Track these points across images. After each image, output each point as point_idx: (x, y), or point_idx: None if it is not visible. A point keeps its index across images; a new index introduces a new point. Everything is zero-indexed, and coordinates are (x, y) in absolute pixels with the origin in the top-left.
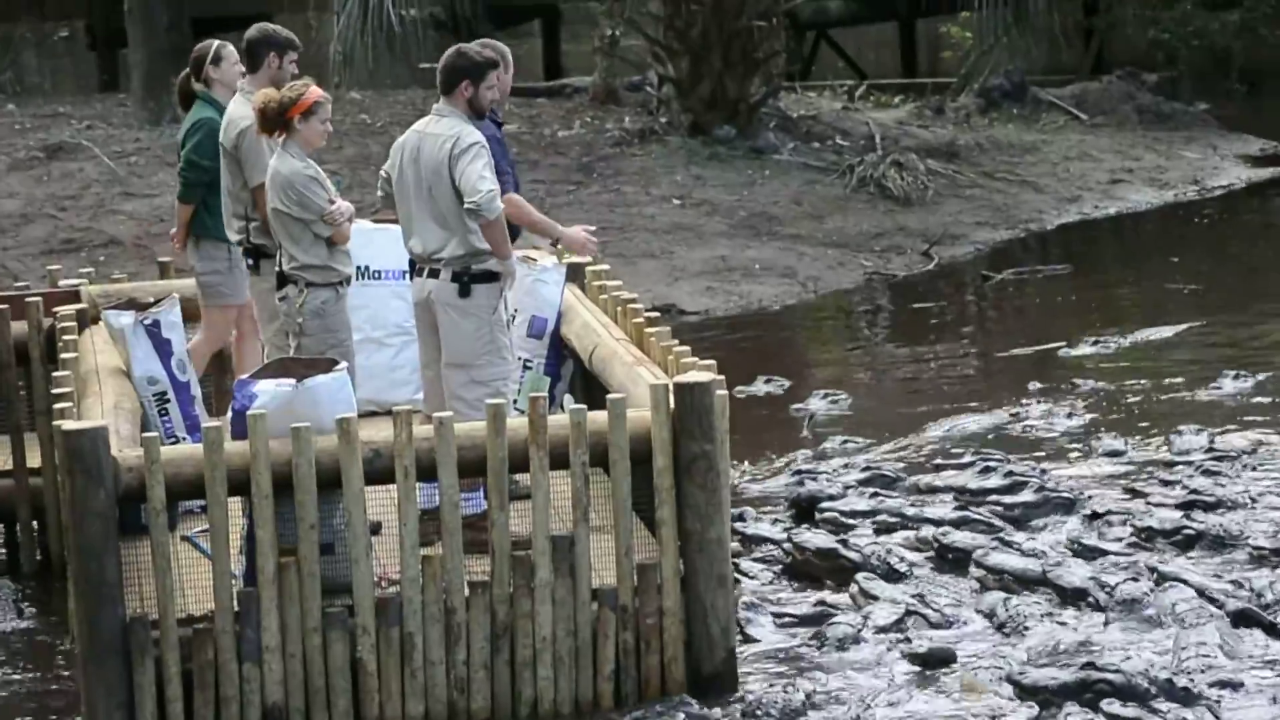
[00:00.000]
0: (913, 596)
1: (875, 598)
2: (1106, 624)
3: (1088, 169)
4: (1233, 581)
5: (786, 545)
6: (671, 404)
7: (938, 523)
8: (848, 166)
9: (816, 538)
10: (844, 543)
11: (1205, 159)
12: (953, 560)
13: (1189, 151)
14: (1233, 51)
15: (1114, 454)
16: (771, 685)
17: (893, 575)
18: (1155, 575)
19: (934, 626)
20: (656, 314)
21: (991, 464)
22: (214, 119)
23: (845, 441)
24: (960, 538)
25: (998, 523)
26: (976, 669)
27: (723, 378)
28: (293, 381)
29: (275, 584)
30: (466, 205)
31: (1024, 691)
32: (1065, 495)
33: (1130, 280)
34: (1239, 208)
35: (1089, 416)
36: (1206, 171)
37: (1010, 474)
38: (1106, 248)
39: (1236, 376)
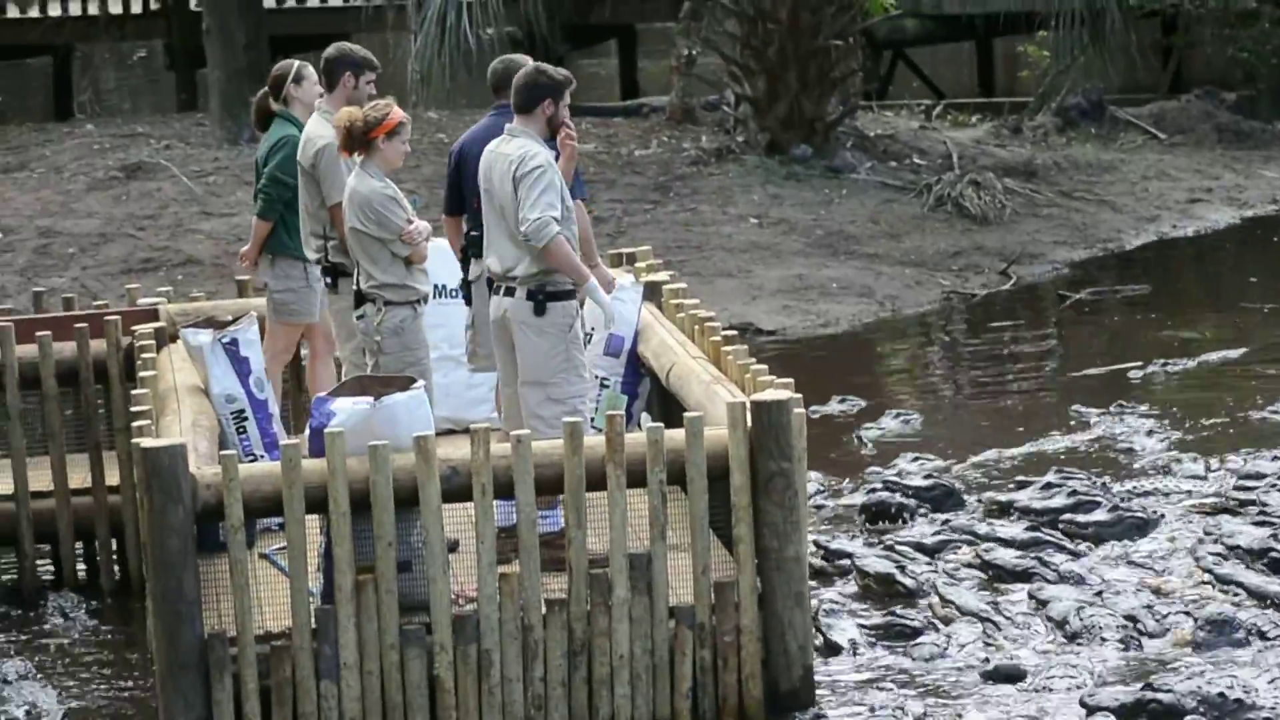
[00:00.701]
0: (987, 604)
1: (953, 603)
2: (1196, 644)
3: (1166, 188)
4: None
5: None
6: (749, 422)
7: (1008, 543)
8: (925, 185)
9: (877, 563)
10: (901, 569)
11: None
12: (994, 576)
13: (1268, 170)
14: None
15: (1195, 477)
16: (882, 705)
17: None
18: (1210, 576)
19: (1010, 640)
20: (734, 332)
21: (1062, 484)
22: (297, 136)
23: (917, 459)
24: (1003, 555)
25: (1068, 544)
26: (1051, 679)
27: (800, 396)
28: (370, 399)
29: (353, 601)
30: (521, 234)
31: (1090, 711)
32: (1139, 515)
33: (1208, 300)
34: None
35: (1165, 438)
36: None
37: (1075, 493)
38: (1185, 267)
39: None
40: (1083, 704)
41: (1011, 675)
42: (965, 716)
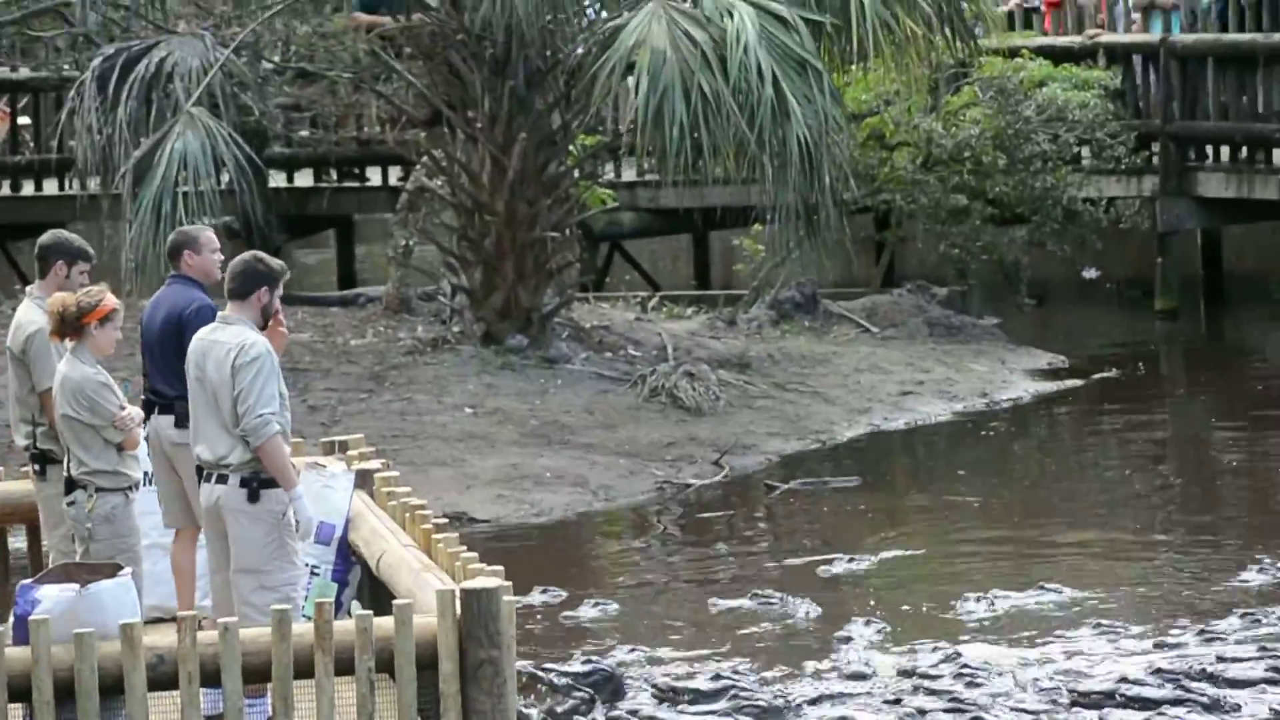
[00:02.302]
0: None
1: None
2: None
3: (878, 381)
4: None
5: None
6: (458, 610)
7: None
8: (640, 376)
9: None
10: None
11: (994, 372)
12: None
13: (978, 365)
14: (1021, 266)
15: (859, 676)
16: None
17: None
18: None
19: None
20: (445, 521)
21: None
22: None
23: (633, 650)
24: None
25: None
26: None
27: (509, 584)
28: (76, 587)
29: None
30: (239, 430)
31: None
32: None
33: (915, 493)
34: (1027, 421)
35: (850, 632)
36: (995, 385)
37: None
38: (895, 459)
39: (979, 599)
40: None
41: None
42: None
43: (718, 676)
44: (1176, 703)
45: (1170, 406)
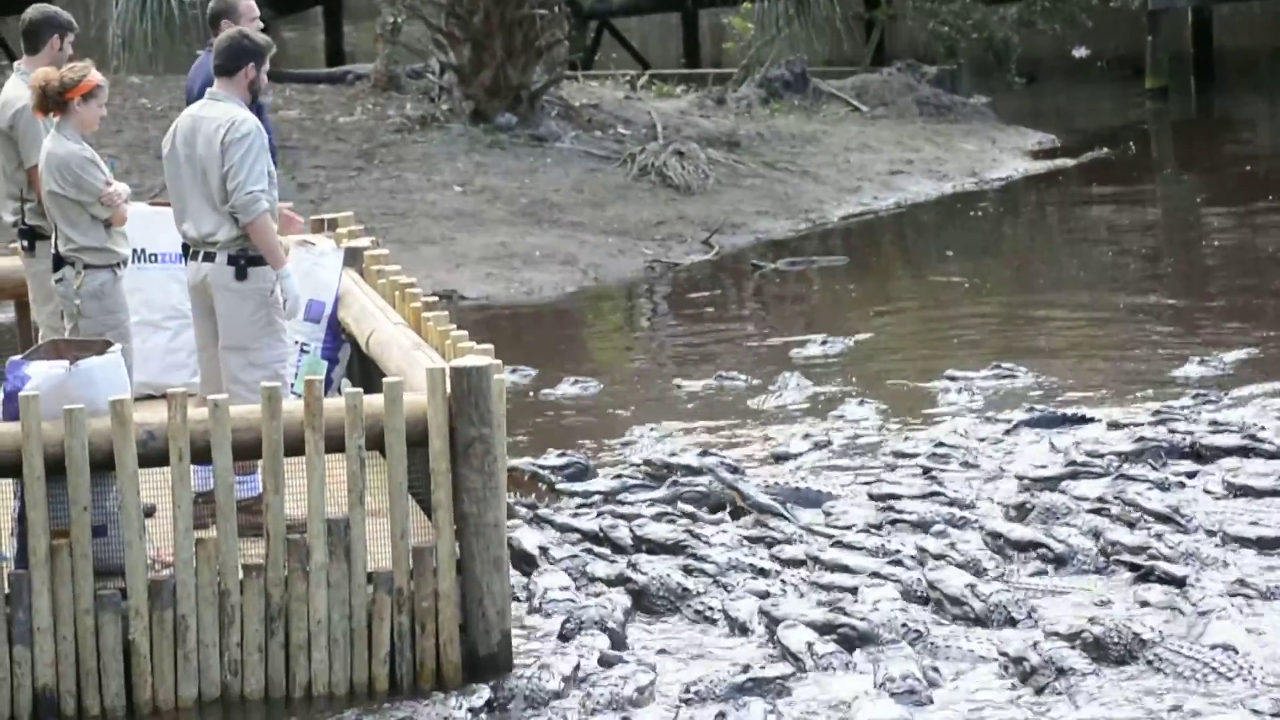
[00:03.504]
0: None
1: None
2: None
3: (867, 160)
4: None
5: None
6: (448, 388)
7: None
8: (629, 155)
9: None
10: (634, 566)
11: (984, 151)
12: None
13: (968, 144)
14: (1011, 45)
15: (782, 460)
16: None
17: None
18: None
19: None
20: (435, 299)
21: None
22: None
23: (621, 426)
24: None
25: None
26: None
27: (500, 362)
28: (66, 363)
29: (47, 566)
30: (227, 207)
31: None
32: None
33: (903, 272)
34: (1016, 200)
35: (843, 411)
36: (985, 164)
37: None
38: (884, 239)
39: (955, 380)
40: (767, 615)
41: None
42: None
43: (705, 452)
44: (1129, 479)
45: (1159, 185)
